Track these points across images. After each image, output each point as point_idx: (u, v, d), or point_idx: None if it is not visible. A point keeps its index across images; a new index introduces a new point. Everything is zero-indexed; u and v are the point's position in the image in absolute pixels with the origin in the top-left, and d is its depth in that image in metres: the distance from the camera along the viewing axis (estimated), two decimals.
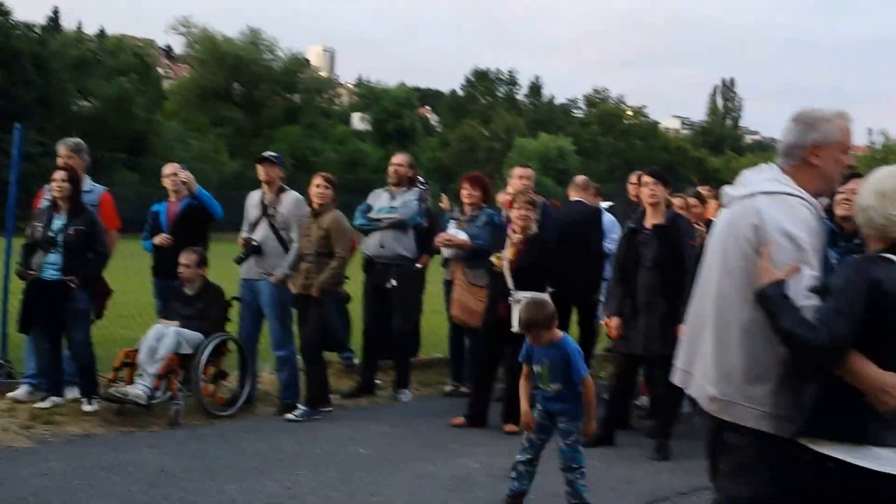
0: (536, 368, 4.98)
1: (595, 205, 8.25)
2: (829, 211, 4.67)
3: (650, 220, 6.45)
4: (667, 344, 5.93)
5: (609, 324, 6.68)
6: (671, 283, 6.10)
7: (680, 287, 5.64)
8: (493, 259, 6.86)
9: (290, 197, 7.41)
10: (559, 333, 5.01)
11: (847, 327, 2.68)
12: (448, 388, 8.23)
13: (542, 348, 4.94)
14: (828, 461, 2.74)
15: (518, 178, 7.97)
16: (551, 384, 4.92)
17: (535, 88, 70.85)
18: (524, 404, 5.03)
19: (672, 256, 6.18)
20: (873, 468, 2.70)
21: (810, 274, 2.86)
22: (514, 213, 6.89)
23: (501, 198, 8.14)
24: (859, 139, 69.76)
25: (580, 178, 8.51)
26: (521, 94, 70.10)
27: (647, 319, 6.30)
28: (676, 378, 3.34)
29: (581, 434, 4.93)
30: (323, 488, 5.35)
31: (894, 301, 2.72)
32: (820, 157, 3.10)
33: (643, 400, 7.13)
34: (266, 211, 7.36)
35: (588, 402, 4.89)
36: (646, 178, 6.56)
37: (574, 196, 8.24)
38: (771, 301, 2.81)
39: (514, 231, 6.86)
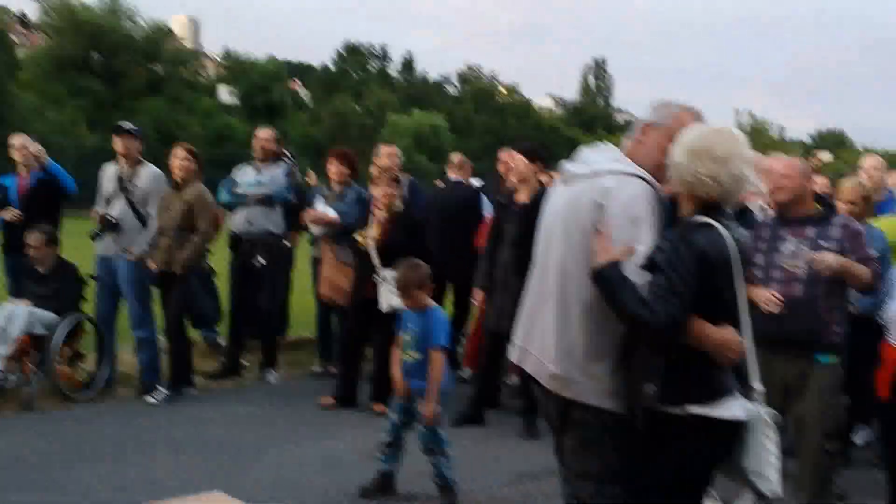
0: (404, 336, 4.95)
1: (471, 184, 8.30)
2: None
3: (518, 197, 6.48)
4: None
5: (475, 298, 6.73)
6: (530, 261, 6.07)
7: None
8: (357, 237, 6.76)
9: (149, 171, 7.12)
10: (430, 302, 4.98)
11: (682, 304, 2.79)
12: (316, 368, 8.10)
13: (413, 315, 4.93)
14: (684, 420, 2.88)
15: (385, 157, 7.93)
16: (412, 352, 4.88)
17: (408, 64, 70.73)
18: (395, 371, 4.99)
19: (533, 235, 6.11)
20: (726, 417, 2.89)
21: (646, 252, 2.91)
22: (378, 191, 6.81)
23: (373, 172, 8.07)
24: (727, 120, 72.73)
25: (456, 157, 8.56)
26: (393, 69, 69.86)
27: (502, 297, 6.32)
28: (514, 355, 3.36)
29: (434, 414, 4.84)
30: (184, 472, 5.20)
31: (720, 267, 2.85)
32: (646, 136, 3.18)
33: (513, 379, 7.18)
34: (123, 185, 7.04)
35: (432, 377, 4.81)
36: (514, 155, 6.59)
37: (452, 175, 8.31)
38: (608, 281, 2.86)
39: (379, 209, 6.78)
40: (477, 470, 5.47)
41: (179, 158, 6.97)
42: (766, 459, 2.95)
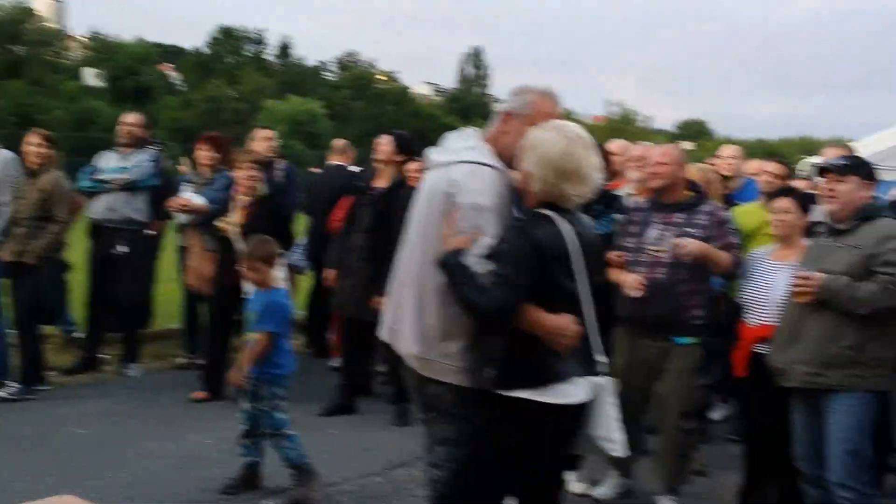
0: (249, 315, 4.82)
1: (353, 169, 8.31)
2: None
3: (376, 183, 6.44)
4: (363, 309, 5.99)
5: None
6: (380, 248, 6.05)
7: (386, 254, 5.64)
8: (219, 224, 6.57)
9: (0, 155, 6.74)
10: (273, 282, 4.86)
11: (515, 292, 2.96)
12: (181, 360, 7.84)
13: (258, 295, 4.81)
14: (520, 403, 3.02)
15: (261, 141, 7.77)
16: (251, 333, 4.76)
17: (285, 49, 69.62)
18: (241, 359, 4.83)
19: (387, 222, 6.06)
20: (559, 402, 3.04)
21: (488, 241, 3.06)
22: (239, 175, 6.64)
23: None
24: (598, 110, 74.39)
25: (339, 142, 8.64)
26: (269, 54, 68.63)
27: (350, 281, 6.33)
28: (384, 335, 3.48)
29: (236, 380, 4.75)
30: (33, 474, 4.94)
31: (553, 258, 3.03)
32: (508, 125, 3.31)
33: (382, 366, 7.11)
34: None
35: (249, 354, 4.71)
36: (379, 140, 6.55)
37: (335, 160, 8.32)
38: (449, 268, 3.03)
39: (241, 193, 6.61)
40: (348, 460, 5.42)
41: (34, 145, 6.67)
42: (611, 425, 3.16)
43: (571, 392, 3.07)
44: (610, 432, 3.16)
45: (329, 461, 5.20)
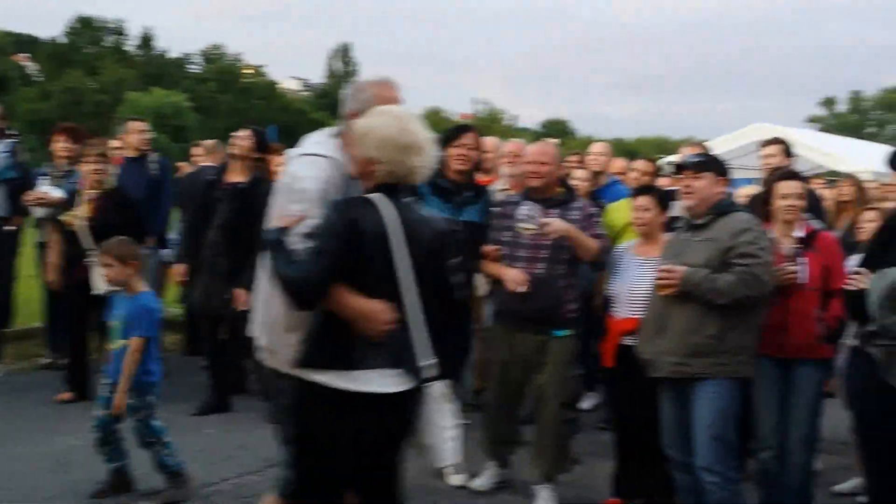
0: (113, 323, 4.67)
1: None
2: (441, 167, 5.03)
3: (229, 177, 6.37)
4: (225, 304, 5.93)
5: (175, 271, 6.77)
6: (239, 244, 5.95)
7: (247, 251, 5.60)
8: (64, 218, 6.38)
9: None
10: (141, 287, 4.73)
11: (324, 265, 2.92)
12: (44, 359, 7.55)
13: (121, 300, 4.67)
14: (330, 390, 2.96)
15: (135, 133, 7.60)
16: (119, 340, 4.61)
17: (146, 40, 67.39)
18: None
19: (245, 218, 5.90)
20: (357, 390, 2.96)
21: (311, 223, 3.08)
22: (86, 168, 6.47)
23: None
24: (465, 107, 74.94)
25: (209, 142, 8.63)
26: (130, 45, 66.24)
27: (205, 278, 6.26)
28: (251, 331, 3.51)
29: (122, 407, 4.56)
30: None
31: (369, 239, 2.98)
32: None
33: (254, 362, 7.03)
34: None
35: (124, 366, 4.55)
36: (237, 134, 6.46)
37: (205, 161, 8.21)
38: (268, 244, 3.04)
39: (87, 187, 6.44)
40: (223, 459, 5.35)
41: None
42: (438, 434, 3.07)
43: (375, 382, 2.98)
44: (436, 441, 3.06)
45: (205, 461, 5.14)
